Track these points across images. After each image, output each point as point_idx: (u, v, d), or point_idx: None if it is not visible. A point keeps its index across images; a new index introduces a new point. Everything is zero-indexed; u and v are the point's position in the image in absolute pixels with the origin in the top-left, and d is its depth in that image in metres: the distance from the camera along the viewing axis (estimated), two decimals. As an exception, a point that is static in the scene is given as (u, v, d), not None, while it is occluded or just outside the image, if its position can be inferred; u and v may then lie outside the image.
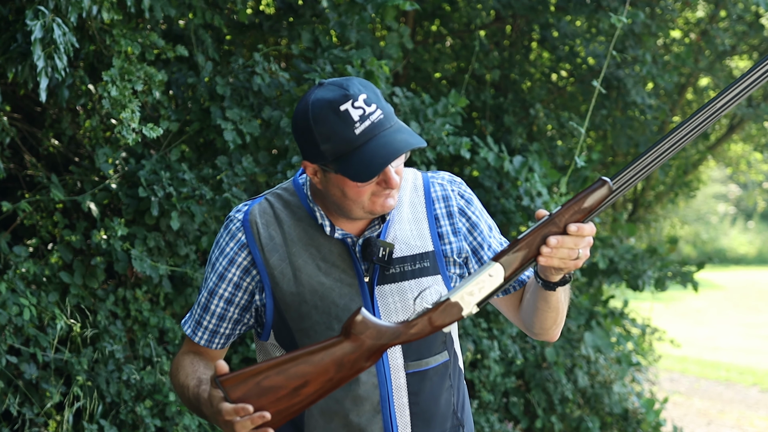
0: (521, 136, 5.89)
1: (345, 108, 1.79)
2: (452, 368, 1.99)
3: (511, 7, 5.83)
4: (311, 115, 1.81)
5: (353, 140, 1.78)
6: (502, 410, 5.54)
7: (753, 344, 12.52)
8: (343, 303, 1.89)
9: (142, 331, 4.09)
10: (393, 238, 1.95)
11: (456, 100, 4.63)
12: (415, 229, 1.98)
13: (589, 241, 1.77)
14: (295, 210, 1.95)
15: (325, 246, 1.92)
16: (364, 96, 1.81)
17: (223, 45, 4.84)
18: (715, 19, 7.04)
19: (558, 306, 1.94)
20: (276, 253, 1.92)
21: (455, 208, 2.03)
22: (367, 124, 1.79)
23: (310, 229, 1.93)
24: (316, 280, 1.90)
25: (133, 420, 3.91)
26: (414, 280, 1.94)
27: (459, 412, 2.00)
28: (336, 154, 1.80)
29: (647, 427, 6.09)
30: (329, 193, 1.88)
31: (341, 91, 1.80)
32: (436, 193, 2.04)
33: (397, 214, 1.98)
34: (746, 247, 25.27)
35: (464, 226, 2.03)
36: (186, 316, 2.06)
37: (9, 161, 4.09)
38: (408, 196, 2.02)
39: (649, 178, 8.08)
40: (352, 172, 1.79)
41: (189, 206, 4.00)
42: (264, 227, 1.94)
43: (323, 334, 1.88)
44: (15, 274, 3.74)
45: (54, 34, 3.19)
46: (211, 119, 4.19)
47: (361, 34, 4.63)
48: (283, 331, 1.93)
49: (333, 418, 1.91)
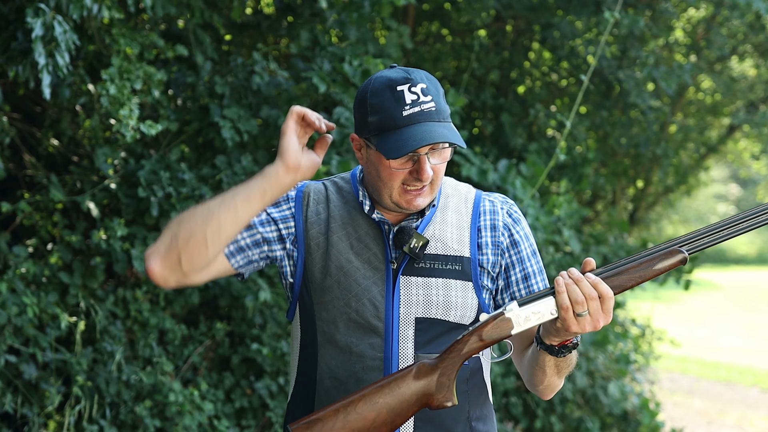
0: (520, 136, 5.89)
1: (402, 89, 1.85)
2: (470, 376, 1.98)
3: (511, 8, 5.83)
4: (370, 87, 1.89)
5: (398, 119, 1.84)
6: (502, 410, 5.53)
7: (753, 344, 12.52)
8: (366, 284, 1.93)
9: (142, 331, 4.08)
10: (431, 235, 1.97)
11: (455, 99, 4.63)
12: (455, 234, 2.00)
13: (604, 306, 1.76)
14: (345, 194, 2.02)
15: (363, 227, 1.97)
16: (424, 86, 1.86)
17: (222, 44, 4.83)
18: (716, 19, 7.04)
19: (545, 368, 1.91)
20: (317, 226, 1.98)
21: (500, 223, 2.04)
22: (416, 109, 1.84)
23: (353, 210, 1.99)
24: (345, 257, 1.95)
25: (133, 420, 3.91)
26: (442, 280, 1.95)
27: (475, 422, 1.97)
28: (380, 128, 1.85)
29: (646, 427, 6.09)
30: (367, 171, 1.95)
31: (404, 74, 1.87)
32: (485, 207, 2.05)
33: (441, 215, 2.00)
34: (746, 247, 25.29)
35: (505, 241, 2.03)
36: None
37: (9, 161, 4.09)
38: (455, 203, 2.04)
39: (650, 179, 8.08)
40: (386, 148, 1.83)
41: (189, 206, 3.99)
42: (314, 202, 2.00)
43: (339, 309, 1.93)
44: (15, 274, 3.74)
45: (55, 32, 3.19)
46: (210, 118, 4.19)
47: (360, 33, 4.63)
48: (307, 302, 1.97)
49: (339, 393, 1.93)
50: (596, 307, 1.75)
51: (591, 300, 1.74)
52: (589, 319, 1.75)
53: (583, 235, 6.05)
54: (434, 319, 1.93)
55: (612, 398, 5.90)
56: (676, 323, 13.15)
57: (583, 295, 1.74)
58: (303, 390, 1.98)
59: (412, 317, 1.92)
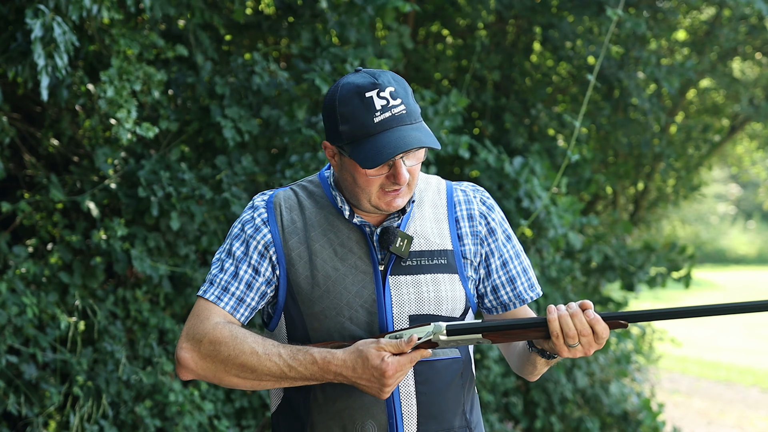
0: (522, 136, 5.89)
1: (370, 95, 1.84)
2: (464, 369, 2.00)
3: (512, 8, 5.83)
4: (338, 95, 1.87)
5: (370, 127, 1.83)
6: (502, 410, 5.53)
7: (753, 344, 12.52)
8: (356, 290, 1.92)
9: (142, 331, 4.08)
10: (413, 232, 1.98)
11: (457, 99, 4.62)
12: (435, 228, 2.01)
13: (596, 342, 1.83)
14: (318, 199, 1.99)
15: (344, 232, 1.95)
16: (392, 89, 1.86)
17: (222, 45, 4.83)
18: (719, 20, 7.03)
19: (536, 365, 2.00)
20: (296, 236, 1.95)
21: (476, 212, 2.05)
22: (387, 115, 1.84)
23: (330, 216, 1.97)
24: (331, 265, 1.93)
25: (133, 420, 3.91)
26: (431, 275, 1.96)
27: (468, 413, 2.01)
28: (352, 137, 1.85)
29: (647, 428, 6.09)
30: (342, 177, 1.93)
31: (371, 79, 1.86)
32: (458, 197, 2.06)
33: (419, 211, 2.01)
34: (746, 247, 25.29)
35: (483, 229, 2.05)
36: (203, 287, 1.97)
37: (9, 161, 4.09)
38: (430, 197, 2.05)
39: (651, 179, 8.08)
40: (361, 157, 1.83)
41: (189, 206, 3.99)
42: (287, 211, 1.98)
43: (333, 319, 1.91)
44: (15, 274, 3.74)
45: (54, 33, 3.19)
46: (210, 118, 4.19)
47: (361, 33, 4.63)
48: (294, 315, 1.94)
49: (336, 400, 1.92)
50: (588, 342, 1.82)
51: (583, 336, 1.81)
52: (581, 349, 1.83)
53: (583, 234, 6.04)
54: (427, 315, 1.94)
55: (612, 398, 5.90)
56: (676, 323, 13.15)
57: (575, 329, 1.81)
58: (294, 400, 1.96)
59: (405, 315, 1.93)
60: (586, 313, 1.82)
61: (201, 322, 1.90)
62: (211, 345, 1.86)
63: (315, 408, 1.93)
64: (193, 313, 1.93)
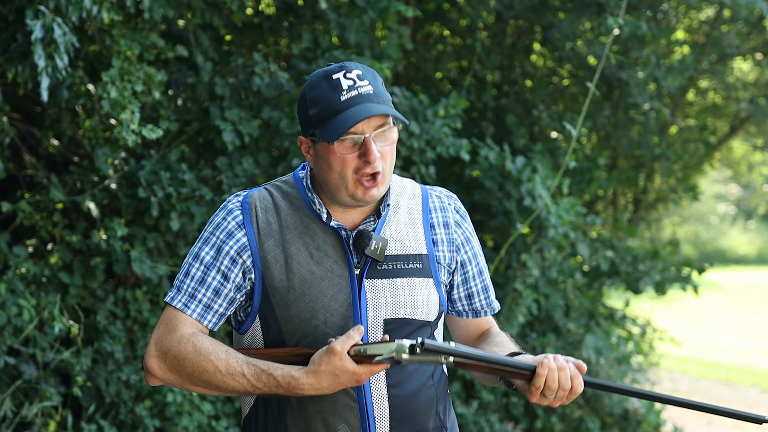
0: (523, 136, 5.88)
1: (337, 77, 1.88)
2: (435, 369, 2.01)
3: (512, 8, 5.82)
4: (308, 83, 1.92)
5: (337, 104, 1.86)
6: (502, 410, 5.53)
7: (753, 344, 12.52)
8: (331, 293, 1.91)
9: (142, 332, 4.08)
10: (388, 236, 1.98)
11: (456, 101, 4.61)
12: (411, 232, 2.01)
13: (567, 398, 1.86)
14: (293, 200, 1.98)
15: (320, 235, 1.95)
16: (359, 72, 1.90)
17: (222, 45, 4.83)
18: (719, 20, 7.03)
19: (494, 382, 2.05)
20: (271, 238, 1.94)
21: (451, 220, 2.07)
22: (353, 93, 1.86)
23: (306, 218, 1.96)
24: (307, 268, 1.92)
25: (132, 420, 3.91)
26: (407, 279, 1.96)
27: (443, 414, 2.02)
28: (321, 118, 1.87)
29: (647, 427, 6.09)
30: (318, 168, 1.93)
31: (339, 65, 1.91)
32: (434, 204, 2.08)
33: (394, 215, 2.01)
34: (746, 247, 25.27)
35: (459, 237, 2.07)
36: (170, 293, 1.95)
37: (9, 161, 4.09)
38: (406, 201, 2.05)
39: (651, 179, 8.08)
40: (328, 132, 1.85)
41: (189, 207, 3.99)
42: (263, 212, 1.96)
43: (308, 322, 1.90)
44: (15, 275, 3.74)
45: (54, 34, 3.19)
46: (210, 121, 4.19)
47: (360, 35, 4.63)
48: (268, 317, 1.93)
49: (308, 404, 1.91)
50: (563, 396, 1.86)
51: (562, 390, 1.84)
52: (552, 400, 1.87)
53: (587, 238, 6.04)
54: (402, 319, 1.94)
55: (613, 398, 5.90)
56: (676, 323, 13.15)
57: (558, 383, 1.84)
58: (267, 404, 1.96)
59: (380, 319, 1.93)
60: (573, 372, 1.85)
61: (168, 333, 1.91)
62: (176, 360, 1.87)
63: (289, 412, 1.93)
64: (162, 320, 1.93)
